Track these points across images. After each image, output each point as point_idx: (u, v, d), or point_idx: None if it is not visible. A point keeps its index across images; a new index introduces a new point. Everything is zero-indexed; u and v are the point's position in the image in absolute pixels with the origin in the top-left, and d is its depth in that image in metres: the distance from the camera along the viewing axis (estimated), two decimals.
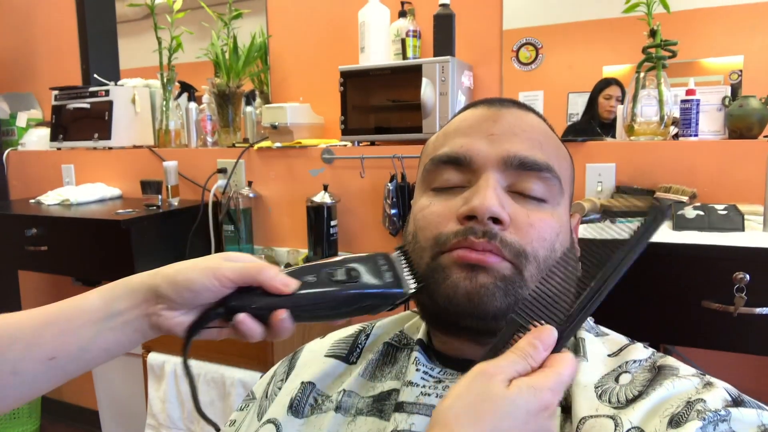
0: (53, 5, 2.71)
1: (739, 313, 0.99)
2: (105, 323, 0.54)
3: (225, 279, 0.54)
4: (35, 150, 2.55)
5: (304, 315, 0.56)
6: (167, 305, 0.55)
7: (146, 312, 0.55)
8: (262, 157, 2.01)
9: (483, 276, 0.57)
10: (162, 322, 0.55)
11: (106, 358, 0.56)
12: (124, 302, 0.55)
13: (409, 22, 1.81)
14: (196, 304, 0.55)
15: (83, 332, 0.54)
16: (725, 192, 1.37)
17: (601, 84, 1.70)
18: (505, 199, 0.59)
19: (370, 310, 0.58)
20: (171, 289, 0.54)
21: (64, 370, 0.54)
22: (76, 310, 0.55)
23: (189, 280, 0.54)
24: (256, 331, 0.55)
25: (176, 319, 0.55)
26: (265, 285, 0.54)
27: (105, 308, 0.55)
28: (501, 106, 0.66)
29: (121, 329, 0.55)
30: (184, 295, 0.54)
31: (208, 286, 0.54)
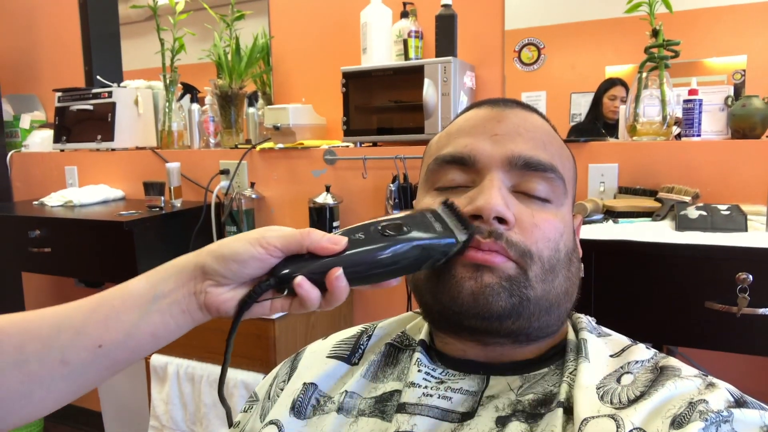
0: (56, 7, 2.71)
1: (743, 313, 0.98)
2: (151, 306, 0.53)
3: (271, 247, 0.53)
4: (38, 151, 2.56)
5: (358, 273, 0.54)
6: (215, 281, 0.53)
7: (193, 290, 0.54)
8: (265, 158, 2.01)
9: (488, 276, 0.57)
10: (210, 300, 0.53)
11: (153, 343, 0.54)
12: (170, 283, 0.54)
13: (411, 23, 1.81)
14: (244, 277, 0.53)
15: (129, 317, 0.52)
16: (728, 192, 1.37)
17: (606, 84, 1.70)
18: (509, 199, 0.59)
19: (424, 263, 0.56)
20: (217, 262, 0.53)
21: (112, 358, 0.52)
22: (121, 295, 0.54)
23: (234, 251, 0.52)
24: (314, 295, 0.53)
25: (224, 295, 0.53)
26: (313, 247, 0.53)
27: (150, 291, 0.53)
28: (505, 106, 0.66)
29: (168, 311, 0.53)
30: (230, 267, 0.53)
31: (255, 254, 0.52)
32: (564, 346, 0.63)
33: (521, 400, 0.57)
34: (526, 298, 0.57)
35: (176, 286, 0.53)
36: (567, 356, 0.60)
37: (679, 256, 1.07)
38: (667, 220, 1.29)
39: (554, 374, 0.60)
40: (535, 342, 0.62)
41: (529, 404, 0.57)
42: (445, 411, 0.58)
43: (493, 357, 0.62)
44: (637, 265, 1.10)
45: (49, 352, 0.50)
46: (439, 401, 0.59)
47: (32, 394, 0.51)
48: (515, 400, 0.57)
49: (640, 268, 1.10)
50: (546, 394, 0.58)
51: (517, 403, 0.57)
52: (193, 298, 0.54)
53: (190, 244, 1.98)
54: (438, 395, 0.60)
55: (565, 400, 0.55)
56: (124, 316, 0.52)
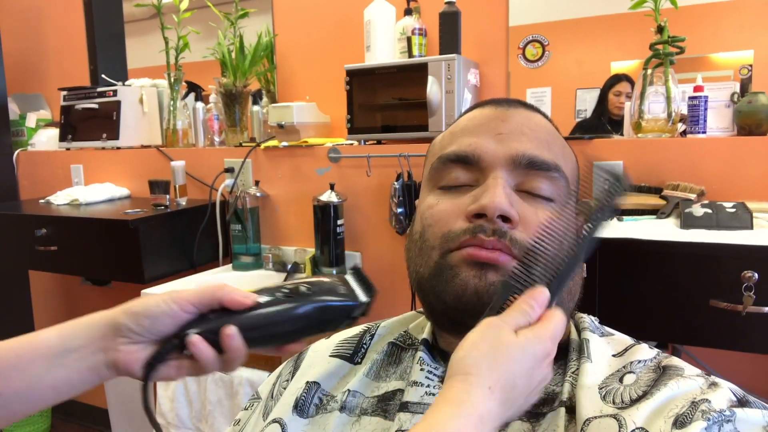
0: (61, 7, 2.72)
1: (748, 312, 0.98)
2: (57, 360, 0.52)
3: (183, 301, 0.52)
4: (44, 150, 2.57)
5: (258, 334, 0.54)
6: (126, 338, 0.52)
7: (103, 347, 0.53)
8: (269, 156, 2.01)
9: (492, 274, 0.57)
10: (120, 358, 0.52)
11: (53, 398, 0.53)
12: (81, 338, 0.53)
13: (414, 20, 1.81)
14: (157, 334, 0.53)
15: (33, 368, 0.51)
16: (734, 189, 1.36)
17: (612, 80, 1.69)
18: (513, 197, 0.59)
19: (327, 326, 0.57)
20: (128, 318, 0.52)
21: (9, 410, 0.51)
22: (28, 345, 0.52)
23: (146, 307, 0.52)
24: (208, 355, 0.52)
25: (134, 354, 0.52)
26: (225, 300, 0.53)
27: (60, 344, 0.52)
28: (508, 106, 0.66)
29: (75, 366, 0.52)
30: (142, 323, 0.52)
31: (166, 310, 0.52)
32: (567, 346, 0.63)
33: None
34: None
35: (86, 342, 0.53)
36: (569, 356, 0.60)
37: (684, 254, 1.06)
38: (672, 217, 1.28)
39: (557, 374, 0.60)
40: None
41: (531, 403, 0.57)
42: None
43: None
44: (642, 264, 1.10)
45: None
46: None
47: None
48: None
49: (645, 267, 1.09)
50: (548, 393, 0.58)
51: None
52: (102, 355, 0.53)
53: (195, 242, 1.99)
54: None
55: (567, 400, 0.55)
56: (27, 368, 0.51)
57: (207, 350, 0.52)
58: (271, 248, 2.02)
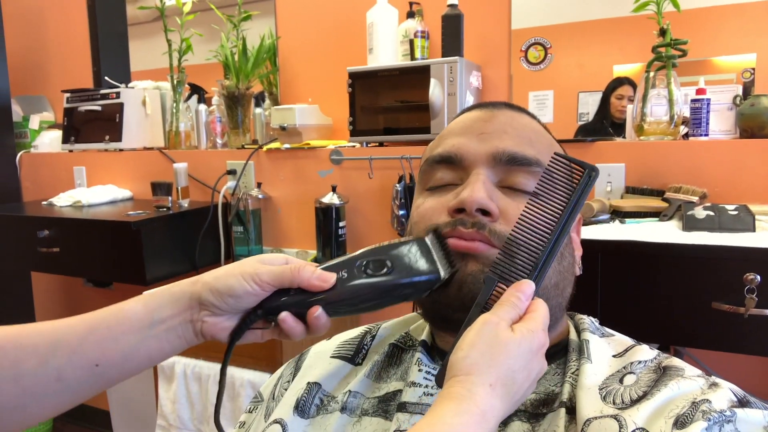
0: (65, 9, 2.73)
1: (750, 314, 0.98)
2: (148, 331, 0.55)
3: (264, 283, 0.55)
4: (47, 152, 2.58)
5: (342, 309, 0.57)
6: (211, 312, 0.56)
7: (190, 319, 0.56)
8: (271, 158, 2.01)
9: (473, 264, 0.58)
10: (207, 329, 0.56)
11: (149, 364, 0.56)
12: (167, 310, 0.56)
13: (417, 23, 1.81)
14: (239, 309, 0.56)
15: (126, 339, 0.54)
16: (736, 192, 1.36)
17: (614, 83, 1.69)
18: (494, 192, 0.60)
19: (407, 298, 0.59)
20: (213, 296, 0.55)
21: (107, 377, 0.54)
22: (118, 318, 0.55)
23: (229, 286, 0.55)
24: (297, 329, 0.56)
25: (221, 324, 0.56)
26: (303, 285, 0.55)
27: (148, 316, 0.55)
28: (494, 108, 0.68)
29: (165, 336, 0.55)
30: (227, 301, 0.55)
31: (249, 290, 0.55)
32: (564, 346, 0.63)
33: None
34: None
35: (173, 314, 0.56)
36: (569, 356, 0.60)
37: (686, 257, 1.06)
38: (674, 220, 1.28)
39: (555, 373, 0.60)
40: None
41: (531, 404, 0.57)
42: None
43: None
44: (644, 266, 1.09)
45: (45, 369, 0.52)
46: None
47: (26, 408, 0.52)
48: None
49: (647, 269, 1.09)
50: (548, 393, 0.58)
51: None
52: (190, 326, 0.56)
53: (197, 244, 1.99)
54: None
55: (567, 400, 0.55)
56: (121, 338, 0.54)
57: (296, 325, 0.56)
58: (272, 250, 2.02)
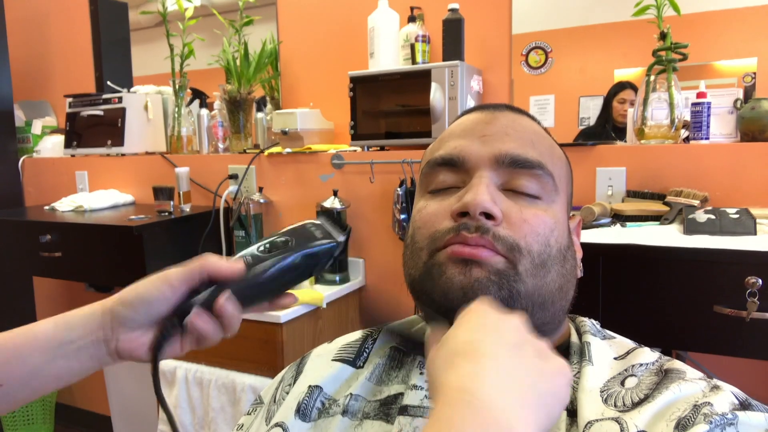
0: (67, 14, 2.75)
1: (752, 318, 0.98)
2: (57, 350, 0.53)
3: (174, 280, 0.54)
4: (50, 157, 2.59)
5: (250, 293, 0.56)
6: (124, 326, 0.54)
7: (104, 338, 0.54)
8: (273, 162, 2.02)
9: (477, 270, 0.57)
10: (122, 347, 0.54)
11: (56, 385, 0.54)
12: (78, 329, 0.54)
13: (418, 27, 1.82)
14: (154, 317, 0.54)
15: (33, 359, 0.53)
16: (737, 196, 1.36)
17: (616, 88, 1.69)
18: (497, 195, 0.60)
19: (312, 270, 0.60)
20: (124, 307, 0.54)
21: (12, 397, 0.53)
22: (27, 337, 0.54)
23: (139, 293, 0.54)
24: (209, 328, 0.54)
25: (137, 340, 0.54)
26: (212, 271, 0.55)
27: (57, 336, 0.53)
28: (495, 110, 0.68)
29: (75, 356, 0.53)
30: (138, 309, 0.53)
31: (158, 295, 0.53)
32: (566, 348, 0.63)
33: None
34: (517, 292, 0.57)
35: (84, 333, 0.54)
36: (570, 359, 0.60)
37: (688, 260, 1.06)
38: (675, 223, 1.28)
39: None
40: None
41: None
42: None
43: None
44: (645, 269, 1.09)
45: None
46: None
47: None
48: None
49: (648, 272, 1.09)
50: None
51: None
52: (103, 345, 0.54)
53: (199, 249, 1.99)
54: None
55: (568, 403, 0.55)
56: (28, 358, 0.53)
57: (206, 324, 0.54)
58: None
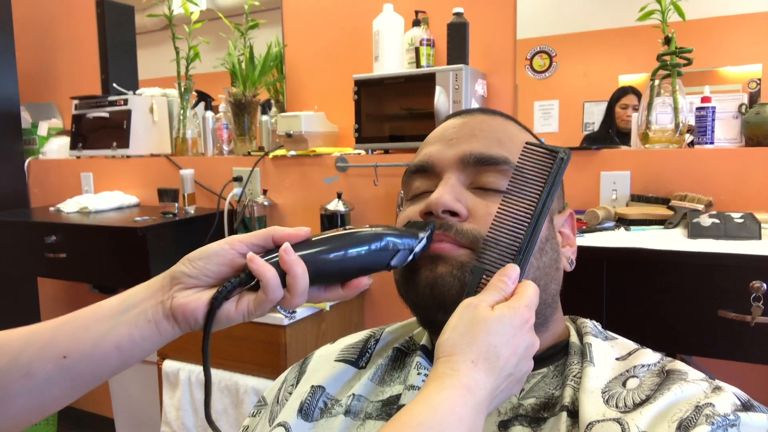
0: (74, 17, 2.76)
1: (757, 322, 0.97)
2: (119, 317, 0.53)
3: (236, 241, 0.53)
4: (55, 158, 2.60)
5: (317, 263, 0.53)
6: (181, 283, 0.53)
7: (161, 299, 0.53)
8: (277, 165, 2.02)
9: (441, 266, 0.59)
10: (177, 305, 0.52)
11: (118, 357, 0.52)
12: (139, 294, 0.54)
13: (422, 31, 1.82)
14: (210, 275, 0.53)
15: (97, 328, 0.52)
16: (742, 200, 1.36)
17: (618, 93, 1.69)
18: (463, 193, 0.61)
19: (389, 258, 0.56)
20: (185, 265, 0.53)
21: (76, 371, 0.51)
22: (93, 309, 0.54)
23: (202, 250, 0.54)
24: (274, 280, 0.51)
25: (191, 297, 0.53)
26: (279, 236, 0.54)
27: (120, 304, 0.54)
28: (467, 114, 0.69)
29: (134, 321, 0.52)
30: (196, 264, 0.53)
31: (218, 250, 0.53)
32: (562, 348, 0.63)
33: (523, 404, 0.58)
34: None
35: (145, 297, 0.54)
36: (570, 359, 0.60)
37: (692, 264, 1.06)
38: (679, 228, 1.28)
39: (554, 376, 0.60)
40: None
41: (531, 408, 0.57)
42: None
43: None
44: (649, 273, 1.09)
45: (15, 366, 0.50)
46: None
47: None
48: (516, 404, 0.58)
49: (652, 276, 1.09)
50: (548, 397, 0.58)
51: (518, 407, 0.57)
52: (160, 306, 0.53)
53: None
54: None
55: (569, 404, 0.55)
56: (92, 327, 0.52)
57: (272, 277, 0.51)
58: None
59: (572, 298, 0.74)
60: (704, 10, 1.56)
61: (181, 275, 0.53)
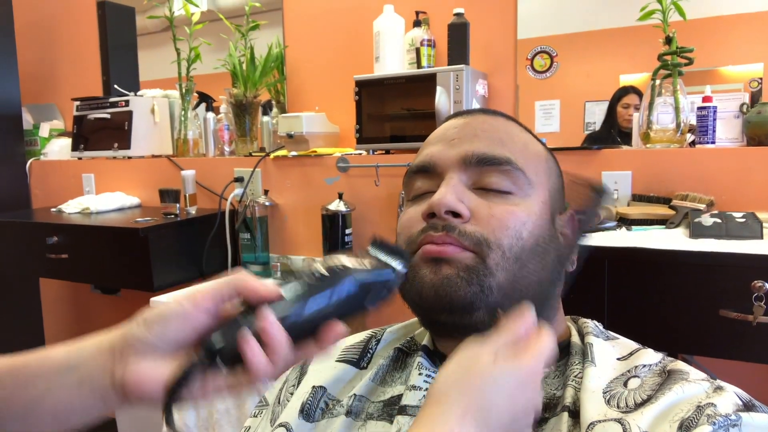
0: (75, 18, 2.77)
1: (759, 322, 0.97)
2: (59, 377, 0.45)
3: (199, 299, 0.45)
4: (57, 160, 2.60)
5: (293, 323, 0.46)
6: (135, 350, 0.44)
7: (110, 367, 0.45)
8: (278, 165, 2.02)
9: (446, 268, 0.58)
10: (129, 379, 0.44)
11: (52, 424, 0.45)
12: (87, 353, 0.46)
13: (423, 32, 1.82)
14: (171, 344, 0.45)
15: (35, 386, 0.44)
16: (743, 200, 1.35)
17: (619, 92, 1.69)
18: (465, 194, 0.61)
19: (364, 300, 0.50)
20: (139, 327, 0.45)
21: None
22: (40, 359, 0.46)
23: (158, 311, 0.45)
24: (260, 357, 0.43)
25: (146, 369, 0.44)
26: (245, 290, 0.46)
27: (65, 359, 0.45)
28: (469, 114, 0.69)
29: (76, 386, 0.44)
30: (152, 327, 0.44)
31: (178, 310, 0.45)
32: (564, 348, 0.63)
33: None
34: (488, 286, 0.57)
35: (91, 357, 0.45)
36: (571, 359, 0.60)
37: (693, 264, 1.06)
38: (681, 227, 1.28)
39: (556, 377, 0.60)
40: None
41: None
42: None
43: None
44: (651, 273, 1.09)
45: None
46: None
47: None
48: None
49: (654, 276, 1.09)
50: (549, 398, 0.58)
51: None
52: (108, 376, 0.44)
53: (204, 251, 1.99)
54: None
55: (570, 404, 0.55)
56: (30, 384, 0.45)
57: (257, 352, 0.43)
58: (279, 257, 2.03)
59: (574, 298, 0.74)
60: (705, 10, 1.55)
61: (134, 339, 0.45)
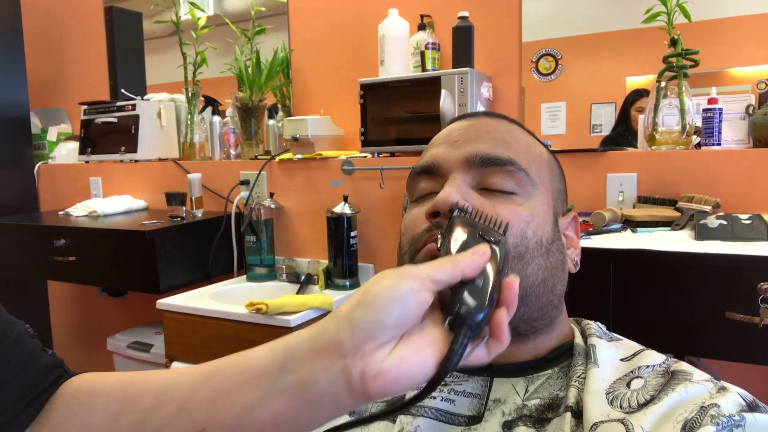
0: (83, 24, 2.79)
1: (765, 324, 0.96)
2: (273, 382, 0.39)
3: (426, 280, 0.40)
4: (65, 163, 2.62)
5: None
6: (371, 336, 0.38)
7: (341, 363, 0.38)
8: (284, 168, 2.03)
9: None
10: (373, 372, 0.37)
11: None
12: (301, 350, 0.40)
13: (428, 35, 1.83)
14: (407, 322, 0.40)
15: (244, 394, 0.39)
16: (749, 201, 1.35)
17: (633, 95, 1.68)
18: (469, 193, 0.61)
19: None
20: (367, 309, 0.39)
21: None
22: (236, 363, 0.41)
23: (382, 288, 0.39)
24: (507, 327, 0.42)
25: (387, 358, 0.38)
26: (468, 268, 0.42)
27: (273, 360, 0.40)
28: (473, 117, 0.70)
29: (299, 392, 0.39)
30: (389, 308, 0.38)
31: (407, 288, 0.39)
32: (567, 349, 0.63)
33: (527, 404, 0.57)
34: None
35: (309, 354, 0.39)
36: (574, 360, 0.60)
37: (699, 266, 1.05)
38: (686, 229, 1.27)
39: (559, 377, 0.60)
40: (526, 338, 0.62)
41: (536, 409, 0.57)
42: (449, 414, 0.59)
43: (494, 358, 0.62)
44: (656, 275, 1.09)
45: (143, 429, 0.41)
46: (441, 404, 0.60)
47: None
48: (521, 405, 0.58)
49: (659, 278, 1.08)
50: (552, 398, 0.58)
51: (523, 408, 0.57)
52: (342, 375, 0.38)
53: (210, 254, 2.00)
54: (441, 397, 0.61)
55: (573, 404, 0.55)
56: (236, 393, 0.40)
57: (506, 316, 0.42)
58: (285, 260, 2.03)
59: (579, 300, 0.74)
60: (710, 12, 1.55)
61: (368, 324, 0.38)
